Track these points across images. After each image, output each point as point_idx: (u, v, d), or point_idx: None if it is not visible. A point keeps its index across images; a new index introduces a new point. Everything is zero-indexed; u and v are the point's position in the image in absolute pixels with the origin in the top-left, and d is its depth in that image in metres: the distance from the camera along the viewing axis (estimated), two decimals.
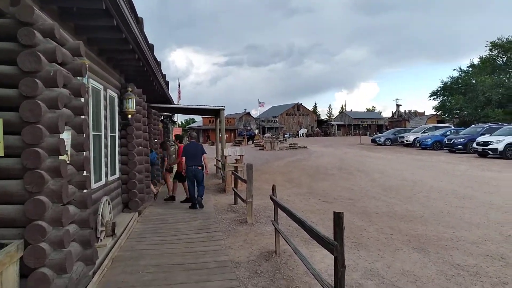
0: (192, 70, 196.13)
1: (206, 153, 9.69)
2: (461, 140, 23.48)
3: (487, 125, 24.98)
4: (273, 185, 5.80)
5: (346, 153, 25.65)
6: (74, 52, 4.10)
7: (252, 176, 7.36)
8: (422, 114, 70.43)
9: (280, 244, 5.55)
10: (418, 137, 29.59)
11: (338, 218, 2.98)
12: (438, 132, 28.51)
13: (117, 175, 7.83)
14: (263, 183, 13.39)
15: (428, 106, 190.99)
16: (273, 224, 5.66)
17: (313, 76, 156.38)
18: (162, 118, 16.45)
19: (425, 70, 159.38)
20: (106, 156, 6.94)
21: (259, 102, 61.70)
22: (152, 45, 10.75)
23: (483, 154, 20.31)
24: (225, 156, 11.99)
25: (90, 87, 5.85)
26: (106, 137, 6.94)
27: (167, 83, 15.71)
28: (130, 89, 8.01)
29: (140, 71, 8.06)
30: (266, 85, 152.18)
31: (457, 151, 23.75)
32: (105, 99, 6.85)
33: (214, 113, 16.28)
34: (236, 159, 12.16)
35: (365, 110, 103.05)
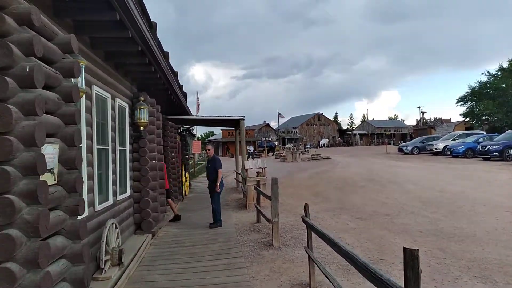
0: (211, 84, 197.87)
1: None
2: (497, 147, 21.96)
3: None
4: (306, 204, 4.93)
5: (373, 163, 24.45)
6: (64, 48, 3.37)
7: (278, 192, 6.50)
8: (448, 121, 68.07)
9: (315, 275, 4.64)
10: (448, 145, 28.05)
11: (411, 257, 2.08)
12: (470, 139, 26.95)
13: (128, 193, 7.10)
14: (288, 198, 12.49)
15: (453, 113, 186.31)
16: (306, 251, 4.78)
17: (333, 86, 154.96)
18: (180, 130, 15.81)
19: (445, 77, 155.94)
20: (114, 173, 6.22)
21: (279, 113, 61.00)
22: (168, 53, 10.16)
23: None
24: (246, 169, 11.17)
25: (94, 95, 5.16)
26: (114, 151, 6.23)
27: (184, 94, 15.12)
28: (142, 99, 7.32)
29: (153, 79, 7.38)
30: (285, 96, 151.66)
31: (492, 159, 22.22)
32: (113, 108, 6.16)
33: (233, 124, 15.55)
34: (257, 172, 11.32)
35: (387, 119, 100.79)
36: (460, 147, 25.85)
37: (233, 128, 18.21)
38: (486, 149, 22.57)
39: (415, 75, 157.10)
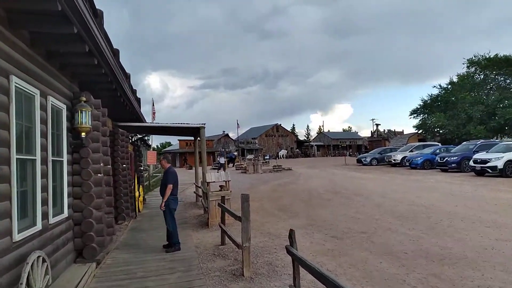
0: (167, 94, 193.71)
1: None
2: (455, 158, 22.29)
3: (479, 142, 23.97)
4: (291, 231, 3.95)
5: (335, 174, 24.05)
6: None
7: (249, 211, 5.48)
8: (401, 133, 70.31)
9: None
10: (406, 156, 28.38)
11: None
12: (427, 151, 27.38)
13: (66, 213, 5.78)
14: (253, 213, 11.38)
15: (404, 125, 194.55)
16: None
17: (289, 98, 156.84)
18: (133, 140, 14.42)
19: (394, 91, 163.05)
20: (45, 190, 4.94)
21: (238, 124, 60.18)
22: (118, 50, 8.91)
23: (481, 173, 19.07)
24: (208, 183, 10.06)
25: (13, 88, 3.93)
26: (45, 163, 4.96)
27: (138, 100, 13.78)
28: (84, 99, 6.08)
29: (98, 75, 6.17)
30: (243, 107, 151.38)
31: (450, 170, 22.53)
32: (43, 109, 4.90)
33: (193, 133, 14.38)
34: (221, 186, 10.24)
35: (342, 131, 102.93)
36: (419, 159, 26.14)
37: (192, 138, 16.99)
38: (444, 160, 22.85)
39: (366, 89, 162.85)
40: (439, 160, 23.44)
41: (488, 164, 18.43)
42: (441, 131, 45.67)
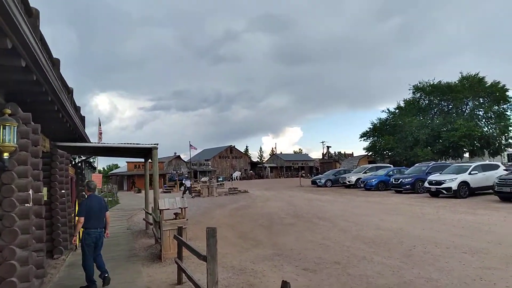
0: (116, 115, 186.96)
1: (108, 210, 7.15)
2: (409, 180, 22.57)
3: (431, 163, 24.57)
4: (284, 283, 3.01)
5: (292, 196, 23.46)
6: None
7: (216, 248, 4.50)
8: (351, 155, 72.12)
9: None
10: (361, 178, 28.55)
11: None
12: (381, 172, 27.71)
13: None
14: None
15: (353, 148, 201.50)
16: None
17: (241, 121, 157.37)
18: (74, 162, 12.92)
19: (342, 116, 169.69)
20: None
21: (190, 145, 58.44)
22: (58, 60, 7.83)
23: (436, 194, 19.29)
24: (161, 210, 8.91)
25: None
26: None
27: (82, 118, 12.45)
28: (8, 111, 4.89)
29: (28, 83, 5.02)
30: (195, 129, 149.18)
31: (404, 192, 22.76)
32: None
33: (143, 154, 13.15)
34: (175, 213, 9.13)
35: (293, 152, 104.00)
36: (373, 180, 26.31)
37: (142, 160, 15.66)
38: (399, 182, 23.07)
39: (315, 113, 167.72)
40: (393, 182, 23.65)
41: (443, 186, 18.67)
42: (390, 153, 47.07)
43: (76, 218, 6.97)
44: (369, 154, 51.63)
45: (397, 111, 48.44)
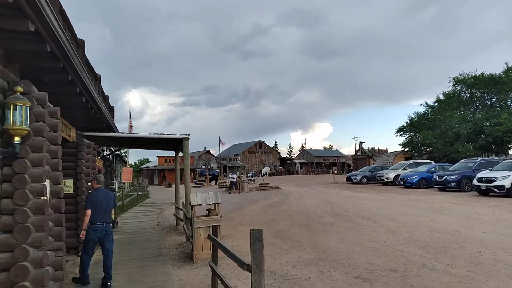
0: (147, 111, 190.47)
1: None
2: (454, 177, 20.96)
3: (478, 159, 22.83)
4: None
5: (327, 193, 22.36)
6: None
7: (263, 255, 3.63)
8: (385, 151, 69.72)
9: None
10: (400, 175, 27.04)
11: None
12: (422, 169, 26.08)
13: None
14: (244, 241, 9.63)
15: (385, 143, 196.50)
16: None
17: (270, 116, 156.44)
18: (103, 154, 12.43)
19: (374, 111, 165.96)
20: None
21: (220, 140, 58.08)
22: (83, 41, 7.23)
23: (485, 192, 17.74)
24: (193, 206, 8.16)
25: None
26: None
27: (111, 108, 11.93)
28: (20, 89, 4.21)
29: (45, 60, 4.34)
30: (224, 124, 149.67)
31: (448, 189, 21.18)
32: None
33: (174, 146, 12.49)
34: (208, 210, 8.36)
35: (323, 148, 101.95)
36: (414, 177, 24.78)
37: (173, 153, 15.00)
38: (443, 179, 21.50)
39: (345, 108, 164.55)
40: (437, 179, 22.08)
41: (494, 184, 17.08)
42: (428, 149, 44.89)
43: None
44: (405, 150, 49.51)
45: (436, 104, 46.04)
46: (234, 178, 27.77)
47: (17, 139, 4.17)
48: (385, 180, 28.31)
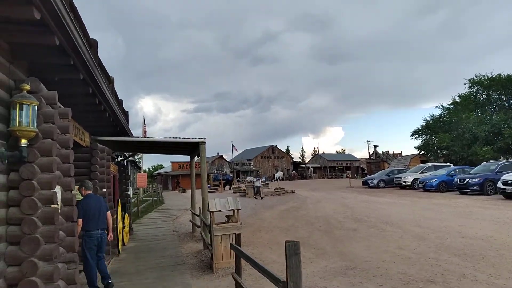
0: (160, 117, 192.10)
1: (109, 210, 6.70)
2: (477, 180, 20.18)
3: (501, 162, 21.98)
4: None
5: (344, 198, 21.76)
6: None
7: (301, 270, 3.18)
8: (399, 154, 68.55)
9: None
10: (419, 178, 26.28)
11: None
12: (442, 172, 25.29)
13: None
14: (265, 249, 9.20)
15: (398, 147, 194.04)
16: None
17: (281, 121, 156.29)
18: (117, 160, 12.12)
19: (385, 114, 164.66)
20: None
21: (232, 145, 57.75)
22: (96, 41, 6.94)
23: (510, 196, 16.96)
24: (211, 212, 7.74)
25: None
26: None
27: (125, 113, 11.62)
28: (27, 87, 3.86)
29: (54, 56, 4.00)
30: (236, 130, 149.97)
31: (470, 193, 20.40)
32: None
33: (189, 150, 12.12)
34: (227, 216, 7.93)
35: (335, 152, 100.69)
36: (433, 180, 24.01)
37: (186, 160, 14.59)
38: (465, 182, 20.73)
39: (357, 112, 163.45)
40: (458, 182, 21.32)
41: None
42: (444, 152, 43.82)
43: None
44: (421, 153, 48.46)
45: (451, 107, 44.96)
46: (258, 183, 25.84)
47: (24, 142, 3.81)
48: (403, 183, 27.56)
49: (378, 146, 69.27)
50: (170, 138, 9.66)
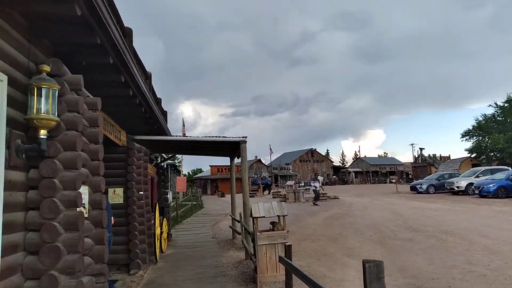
0: (200, 122, 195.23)
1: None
2: None
3: None
4: None
5: (393, 204, 20.38)
6: None
7: None
8: (447, 157, 65.05)
9: None
10: (473, 183, 24.33)
11: None
12: (500, 176, 23.22)
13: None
14: (314, 261, 8.36)
15: (445, 149, 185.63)
16: None
17: (319, 124, 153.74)
18: (156, 161, 11.69)
19: (429, 116, 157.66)
20: None
21: (270, 149, 56.96)
22: (131, 30, 6.45)
23: None
24: (254, 218, 7.01)
25: None
26: None
27: (164, 112, 11.18)
28: (47, 69, 3.31)
29: (82, 36, 3.43)
30: (273, 134, 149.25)
31: None
32: None
33: (229, 151, 11.49)
34: (272, 223, 7.18)
35: (377, 156, 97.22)
36: (491, 185, 22.06)
37: (226, 164, 13.98)
38: None
39: (399, 114, 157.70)
40: None
41: None
42: (498, 155, 40.80)
43: None
44: (472, 156, 45.49)
45: (506, 105, 41.73)
46: (316, 186, 22.84)
47: (43, 133, 3.23)
48: (456, 189, 25.61)
49: (424, 149, 65.94)
50: (209, 137, 9.07)
